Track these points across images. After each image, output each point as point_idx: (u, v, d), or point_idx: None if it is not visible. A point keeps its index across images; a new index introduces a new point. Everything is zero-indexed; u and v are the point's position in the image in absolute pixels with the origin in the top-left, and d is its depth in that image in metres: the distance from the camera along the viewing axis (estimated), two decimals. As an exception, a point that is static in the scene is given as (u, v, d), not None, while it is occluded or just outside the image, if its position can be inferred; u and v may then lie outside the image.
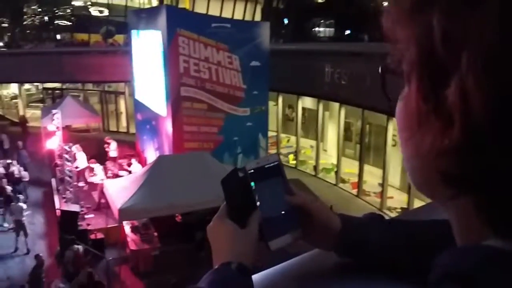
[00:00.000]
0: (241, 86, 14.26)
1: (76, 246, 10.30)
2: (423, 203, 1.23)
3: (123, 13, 26.07)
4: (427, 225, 0.86)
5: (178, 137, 13.52)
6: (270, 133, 16.71)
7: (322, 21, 29.68)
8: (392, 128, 13.78)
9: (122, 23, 25.42)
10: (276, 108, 19.45)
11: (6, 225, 12.99)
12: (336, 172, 17.02)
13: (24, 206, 12.44)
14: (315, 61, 16.28)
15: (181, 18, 13.83)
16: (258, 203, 0.86)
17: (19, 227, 12.06)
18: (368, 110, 14.68)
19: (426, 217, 0.88)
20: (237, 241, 0.83)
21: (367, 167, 16.07)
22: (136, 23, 16.30)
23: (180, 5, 25.41)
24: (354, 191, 15.87)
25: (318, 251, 0.94)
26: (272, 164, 0.90)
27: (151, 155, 15.29)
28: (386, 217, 0.96)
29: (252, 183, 0.87)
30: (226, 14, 23.15)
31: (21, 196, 13.12)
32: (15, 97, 26.94)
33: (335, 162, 17.31)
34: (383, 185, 14.68)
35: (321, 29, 29.96)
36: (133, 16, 17.53)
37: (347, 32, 27.95)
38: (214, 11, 23.55)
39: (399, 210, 13.98)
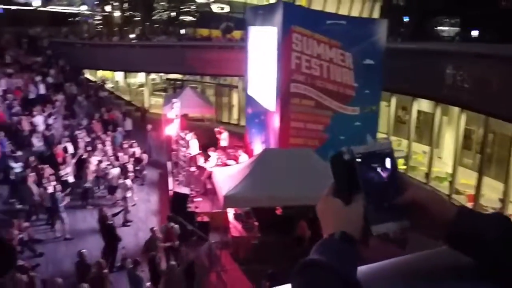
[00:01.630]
0: (352, 85, 13.94)
1: (171, 223, 10.97)
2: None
3: (242, 10, 27.13)
4: None
5: (284, 132, 13.70)
6: (379, 135, 16.11)
7: (446, 19, 27.72)
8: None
9: (240, 19, 26.48)
10: (388, 109, 18.68)
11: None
12: (451, 182, 15.83)
13: (129, 183, 13.61)
14: (435, 61, 15.27)
15: (296, 15, 13.92)
16: (363, 187, 0.87)
17: (124, 202, 13.32)
18: (492, 117, 13.41)
19: None
20: (341, 216, 0.87)
21: (486, 180, 14.68)
22: (253, 19, 16.82)
23: (297, 2, 25.64)
24: (470, 204, 14.61)
25: (431, 252, 0.92)
26: (383, 151, 0.90)
27: (257, 147, 15.73)
28: None
29: (359, 167, 0.88)
30: (343, 11, 22.80)
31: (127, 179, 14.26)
32: (141, 85, 29.60)
33: (450, 171, 16.11)
34: (504, 200, 13.30)
35: (445, 28, 28.00)
36: (250, 12, 18.11)
37: (474, 32, 25.73)
38: (331, 8, 23.37)
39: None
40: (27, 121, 17.78)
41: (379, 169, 0.88)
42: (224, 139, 17.49)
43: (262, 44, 15.35)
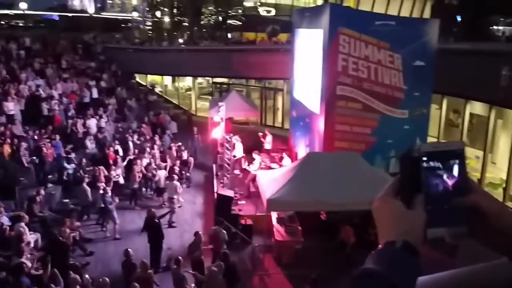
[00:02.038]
0: (401, 87, 13.54)
1: (219, 227, 11.03)
2: None
3: (288, 13, 27.09)
4: None
5: (329, 136, 13.50)
6: (429, 139, 15.53)
7: (501, 18, 26.37)
8: None
9: (287, 22, 26.43)
10: (439, 112, 17.97)
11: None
12: (505, 189, 14.98)
13: (178, 185, 13.89)
14: (490, 63, 14.52)
15: (343, 17, 13.72)
16: (425, 187, 0.83)
17: (171, 203, 13.57)
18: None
19: None
20: (403, 221, 0.82)
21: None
22: (300, 22, 16.73)
23: (345, 4, 25.28)
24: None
25: (491, 265, 0.86)
26: (453, 151, 0.85)
27: (302, 151, 15.60)
28: None
29: (424, 165, 0.83)
30: (392, 11, 22.24)
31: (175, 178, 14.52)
32: (189, 89, 30.24)
33: (504, 177, 15.26)
34: None
35: (500, 27, 26.64)
36: (297, 15, 18.02)
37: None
38: (379, 8, 22.85)
39: None
40: (81, 124, 18.60)
41: (444, 170, 0.83)
42: (268, 142, 17.51)
43: (309, 46, 15.23)
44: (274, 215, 12.19)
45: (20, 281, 8.08)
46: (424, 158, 0.83)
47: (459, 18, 26.24)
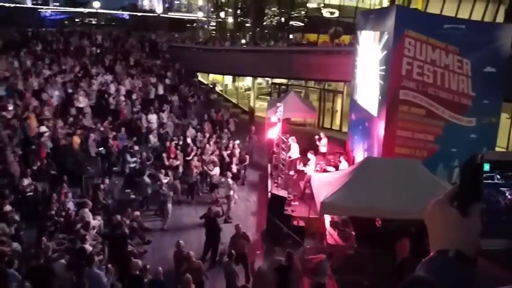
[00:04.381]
0: (469, 94, 12.88)
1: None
2: None
3: (352, 14, 26.63)
4: None
5: (389, 141, 13.12)
6: (497, 149, 14.65)
7: None
8: None
9: (350, 23, 26.01)
10: (509, 121, 16.92)
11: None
12: None
13: (231, 182, 14.08)
14: None
15: (410, 19, 13.27)
16: (484, 196, 0.80)
17: (228, 200, 13.89)
18: None
19: None
20: (458, 229, 0.79)
21: None
22: (364, 24, 16.41)
23: (412, 6, 24.44)
24: None
25: None
26: None
27: (359, 155, 15.30)
28: None
29: (485, 174, 0.81)
30: (463, 14, 21.22)
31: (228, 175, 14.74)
32: (248, 89, 30.60)
33: None
34: None
35: None
36: (361, 17, 17.69)
37: None
38: (449, 11, 21.88)
39: None
40: (145, 119, 19.42)
41: (507, 180, 0.80)
42: (323, 145, 17.31)
43: (371, 49, 14.91)
44: (327, 219, 12.06)
45: (83, 265, 8.58)
46: (487, 167, 0.80)
47: (537, 23, 24.49)
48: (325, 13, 32.00)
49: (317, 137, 17.77)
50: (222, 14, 41.53)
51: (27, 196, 12.39)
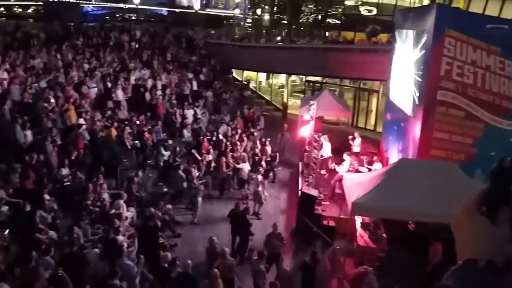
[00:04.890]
0: (510, 96, 12.39)
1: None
2: None
3: (391, 12, 26.09)
4: None
5: (425, 143, 12.78)
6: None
7: None
8: None
9: (388, 22, 25.48)
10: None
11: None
12: None
13: (260, 178, 14.07)
14: None
15: (451, 18, 12.86)
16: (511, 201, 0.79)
17: (256, 196, 13.87)
18: None
19: None
20: (488, 238, 0.77)
21: None
22: (402, 22, 16.03)
23: (454, 4, 23.69)
24: None
25: None
26: None
27: (393, 156, 14.99)
28: None
29: None
30: (507, 14, 20.38)
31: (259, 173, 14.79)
32: (282, 86, 30.52)
33: None
34: None
35: None
36: (400, 15, 17.29)
37: None
38: (492, 10, 21.08)
39: None
40: (180, 113, 19.70)
41: None
42: (356, 145, 17.06)
43: (409, 48, 14.55)
44: (358, 220, 11.89)
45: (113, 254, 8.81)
46: None
47: None
48: (363, 11, 31.50)
49: (350, 136, 17.53)
50: (258, 11, 41.57)
51: (64, 186, 12.81)
